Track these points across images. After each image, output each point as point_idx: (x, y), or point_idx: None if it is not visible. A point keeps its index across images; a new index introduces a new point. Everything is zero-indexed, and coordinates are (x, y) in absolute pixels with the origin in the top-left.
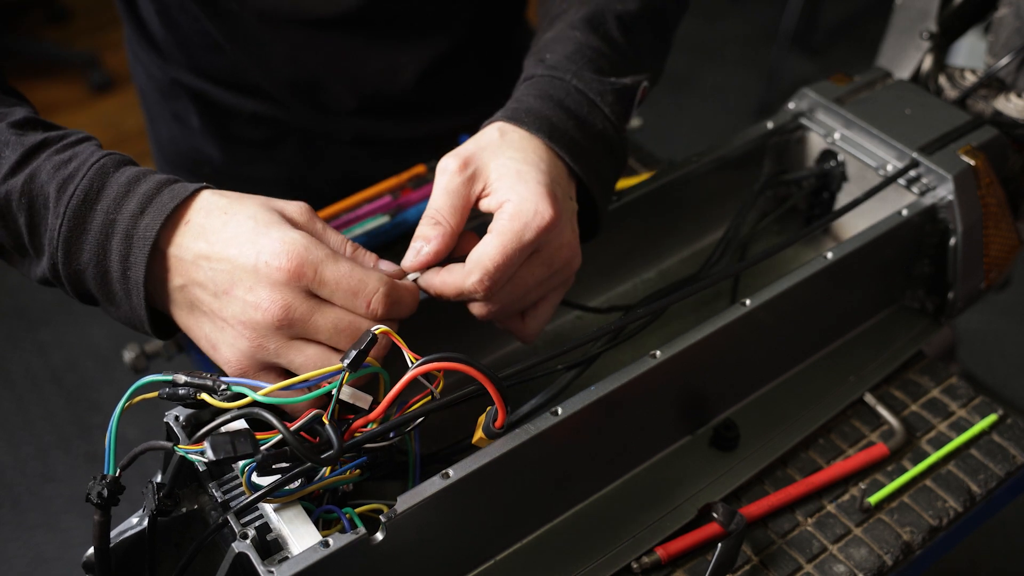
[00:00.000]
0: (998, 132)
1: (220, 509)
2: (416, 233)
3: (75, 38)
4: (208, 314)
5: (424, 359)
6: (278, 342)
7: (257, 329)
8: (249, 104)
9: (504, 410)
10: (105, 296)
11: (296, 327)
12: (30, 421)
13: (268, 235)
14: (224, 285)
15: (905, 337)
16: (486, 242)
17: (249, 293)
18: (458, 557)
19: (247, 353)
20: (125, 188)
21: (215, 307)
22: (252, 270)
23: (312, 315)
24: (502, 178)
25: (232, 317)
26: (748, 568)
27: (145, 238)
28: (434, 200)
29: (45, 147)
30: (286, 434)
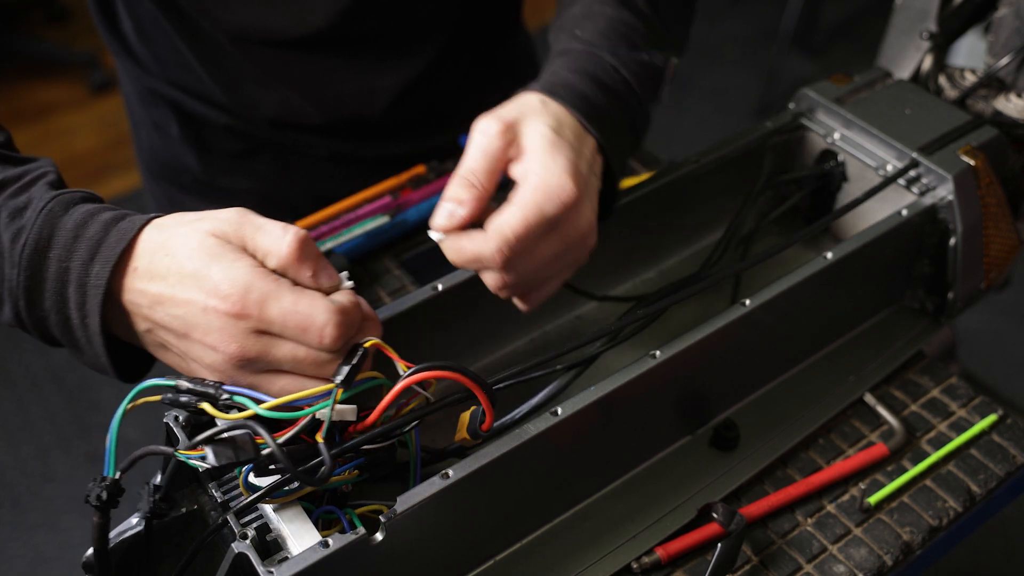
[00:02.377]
0: (998, 132)
1: (220, 509)
2: (448, 194)
3: (75, 38)
4: (179, 355)
5: (415, 368)
6: (246, 375)
7: (223, 369)
8: (223, 118)
9: (491, 414)
10: (69, 342)
11: (258, 363)
12: (30, 421)
13: (209, 275)
14: (182, 329)
15: (905, 337)
16: (508, 212)
17: (206, 336)
18: (458, 557)
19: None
20: (73, 234)
21: (183, 348)
22: (201, 313)
23: (268, 351)
24: (535, 148)
25: (198, 358)
26: (748, 568)
27: (97, 287)
28: (470, 161)
29: (2, 189)
30: (276, 450)
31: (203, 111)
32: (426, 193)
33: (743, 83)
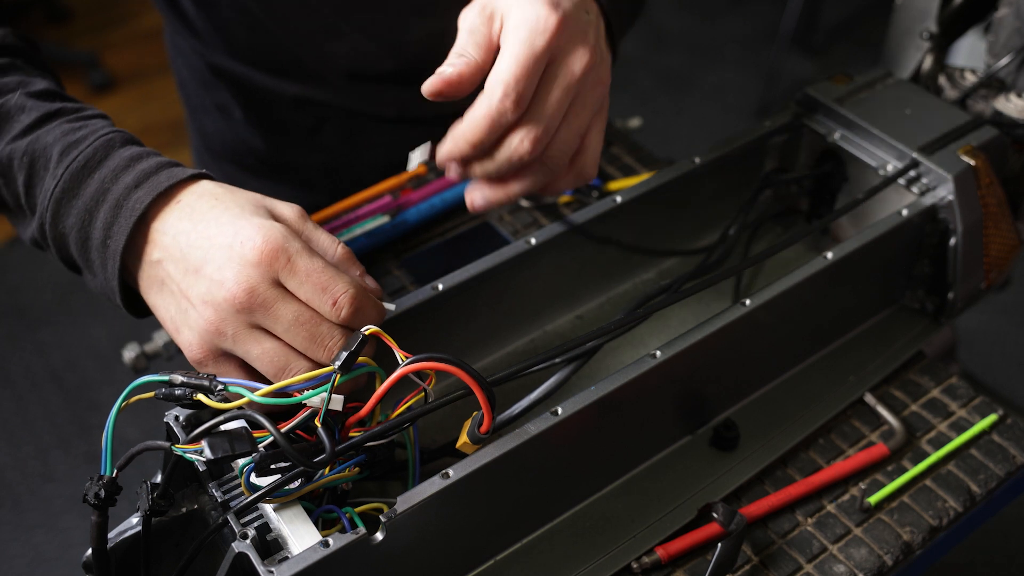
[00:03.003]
0: (998, 132)
1: (220, 509)
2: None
3: (75, 38)
4: (175, 294)
5: (413, 358)
6: (236, 327)
7: (219, 309)
8: (291, 87)
9: (490, 415)
10: (84, 263)
11: (256, 313)
12: (30, 421)
13: (250, 221)
14: (196, 263)
15: (905, 337)
16: (499, 61)
17: (217, 272)
18: (458, 557)
19: (206, 337)
20: (126, 163)
21: (183, 286)
22: (226, 249)
23: (275, 303)
24: (510, 6)
25: (197, 297)
26: (748, 568)
27: (134, 209)
28: (456, 42)
29: (60, 115)
30: (278, 437)
31: (269, 84)
32: (426, 193)
33: (743, 83)
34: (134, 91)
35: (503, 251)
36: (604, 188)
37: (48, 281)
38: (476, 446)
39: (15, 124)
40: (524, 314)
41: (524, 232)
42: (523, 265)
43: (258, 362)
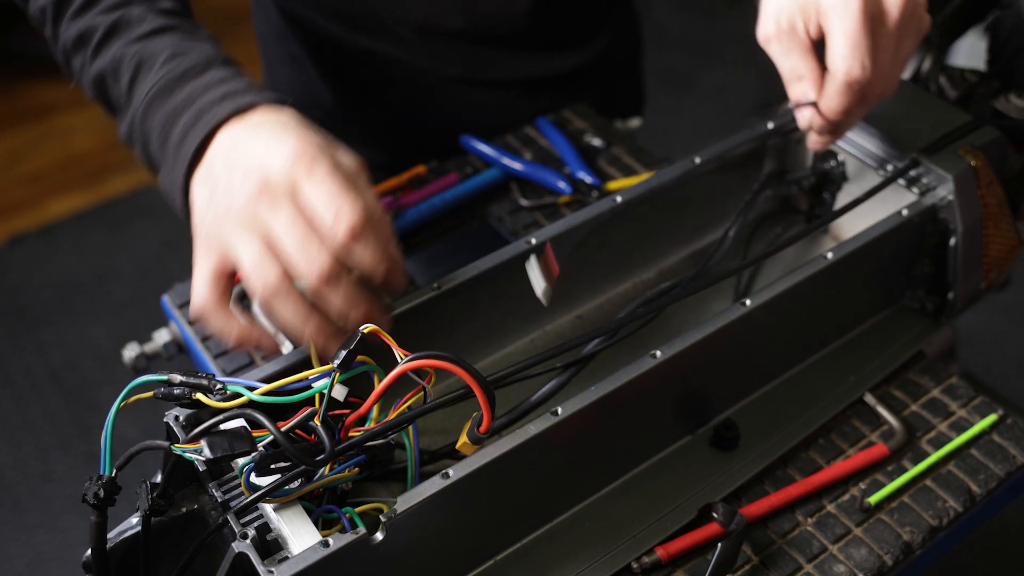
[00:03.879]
0: (998, 132)
1: (220, 509)
2: (792, 99)
3: None
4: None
5: (412, 356)
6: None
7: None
8: (362, 39)
9: (489, 414)
10: (161, 159)
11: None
12: (30, 421)
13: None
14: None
15: (905, 337)
16: (831, 43)
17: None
18: (458, 557)
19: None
20: (219, 81)
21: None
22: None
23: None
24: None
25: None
26: (748, 568)
27: (210, 121)
28: (780, 66)
29: (174, 30)
30: (277, 435)
31: (341, 35)
32: (426, 193)
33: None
34: None
35: (503, 251)
36: (604, 188)
37: (48, 281)
38: (476, 446)
39: (132, 31)
40: (524, 314)
41: (524, 232)
42: (523, 265)
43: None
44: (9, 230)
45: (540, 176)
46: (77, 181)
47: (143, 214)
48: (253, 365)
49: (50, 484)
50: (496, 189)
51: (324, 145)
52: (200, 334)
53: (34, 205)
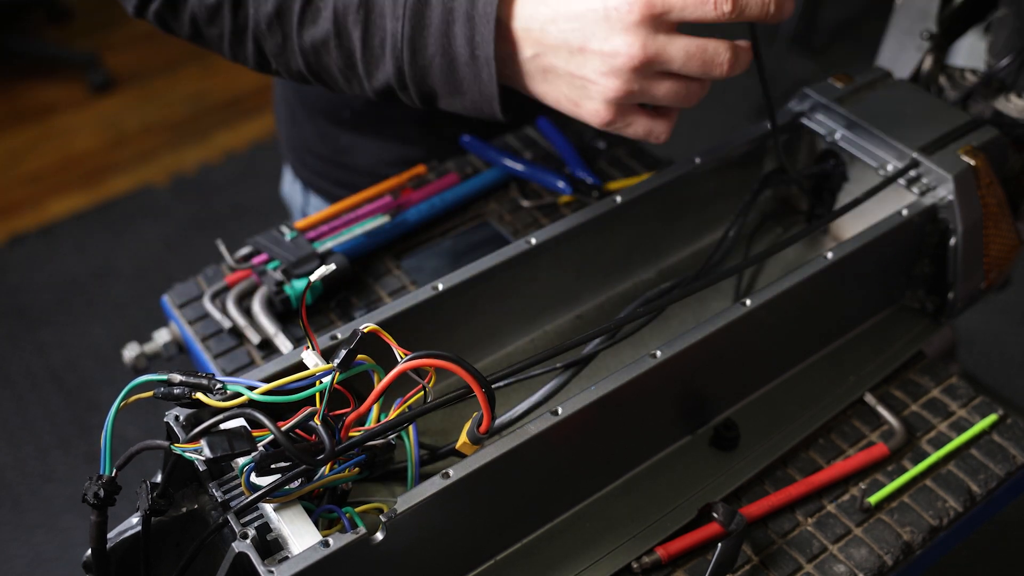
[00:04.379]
0: (998, 132)
1: (220, 509)
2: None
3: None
4: (565, 76)
5: (412, 355)
6: (642, 82)
7: (621, 75)
8: None
9: (489, 414)
10: (452, 86)
11: (655, 64)
12: (30, 421)
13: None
14: (578, 43)
15: (905, 337)
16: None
17: (605, 44)
18: (458, 557)
19: (616, 101)
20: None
21: (572, 67)
22: (603, 21)
23: (666, 48)
24: None
25: (593, 72)
26: (748, 568)
27: (487, 15)
28: None
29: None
30: (278, 435)
31: None
32: (426, 193)
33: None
34: (134, 91)
35: (503, 251)
36: (604, 188)
37: (48, 281)
38: (476, 446)
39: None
40: (524, 314)
41: (524, 232)
42: (523, 265)
43: (665, 99)
44: (9, 230)
45: (540, 176)
46: (77, 181)
47: (143, 214)
48: (253, 365)
49: (50, 484)
50: (496, 189)
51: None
52: (200, 334)
53: (34, 205)
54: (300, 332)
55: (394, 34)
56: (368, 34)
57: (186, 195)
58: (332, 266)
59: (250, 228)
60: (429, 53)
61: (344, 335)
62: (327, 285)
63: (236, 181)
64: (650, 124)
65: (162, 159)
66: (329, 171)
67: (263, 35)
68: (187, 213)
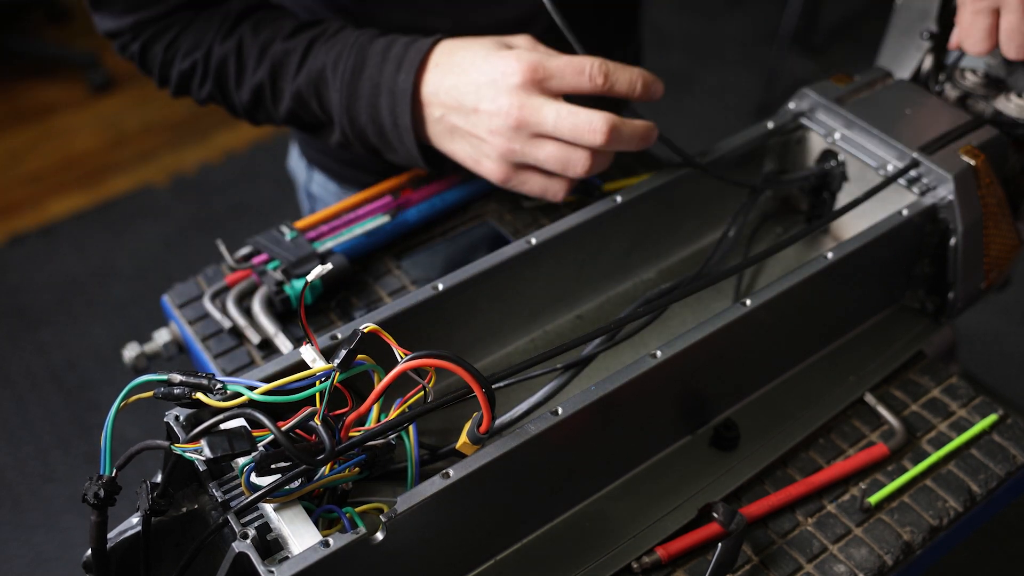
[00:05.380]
0: (998, 132)
1: (220, 509)
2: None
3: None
4: (465, 135)
5: (412, 355)
6: (522, 141)
7: (504, 133)
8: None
9: (490, 414)
10: (384, 146)
11: (531, 123)
12: (30, 421)
13: (500, 55)
14: (472, 104)
15: (905, 337)
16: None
17: (492, 103)
18: (458, 557)
19: (503, 159)
20: (381, 56)
21: (468, 126)
22: (491, 84)
23: (541, 108)
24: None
25: (484, 130)
26: (748, 568)
27: (404, 90)
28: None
29: (314, 44)
30: (278, 435)
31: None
32: (426, 193)
33: (743, 83)
34: (134, 91)
35: (503, 251)
36: (604, 188)
37: (48, 281)
38: (476, 446)
39: (290, 67)
40: (524, 314)
41: (524, 232)
42: (523, 265)
43: (547, 163)
44: (9, 230)
45: None
46: (77, 181)
47: (143, 214)
48: (253, 365)
49: (50, 484)
50: (496, 189)
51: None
52: (200, 334)
53: (34, 205)
54: (300, 332)
55: (335, 104)
56: (320, 103)
57: (186, 195)
58: (329, 265)
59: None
60: (363, 121)
61: (344, 335)
62: (327, 285)
63: (236, 181)
64: (544, 182)
65: (162, 159)
66: (332, 149)
67: (251, 113)
68: (187, 213)
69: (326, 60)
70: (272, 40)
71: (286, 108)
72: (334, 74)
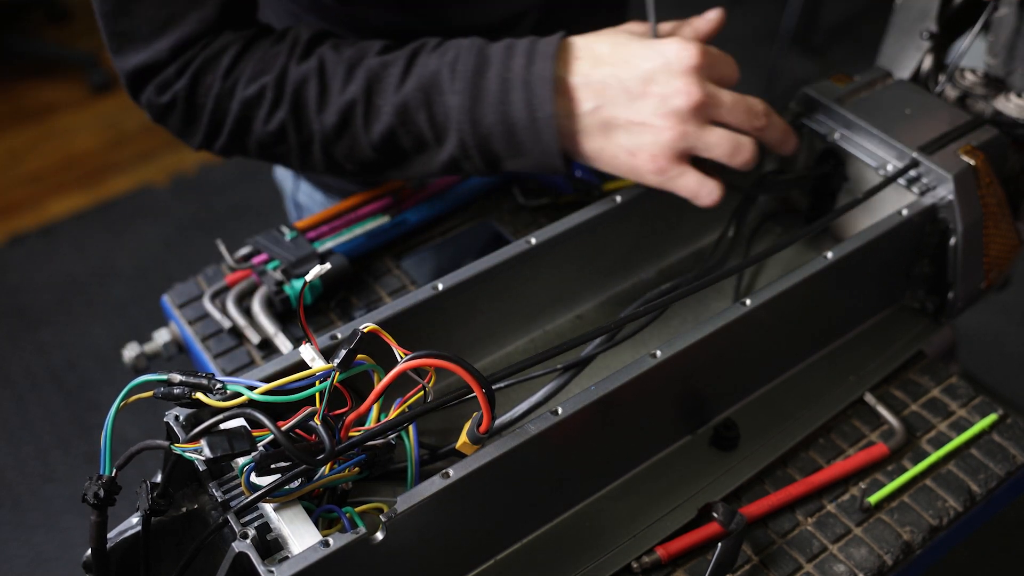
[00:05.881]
0: (998, 132)
1: (220, 509)
2: None
3: (75, 38)
4: (623, 126)
5: (412, 354)
6: (696, 124)
7: (678, 115)
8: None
9: (489, 414)
10: (513, 150)
11: (709, 107)
12: (30, 421)
13: (660, 42)
14: (639, 89)
15: (905, 337)
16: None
17: (667, 86)
18: (458, 557)
19: (671, 143)
20: (505, 52)
21: (631, 114)
22: (664, 68)
23: (717, 93)
24: None
25: (651, 114)
26: (748, 568)
27: (544, 78)
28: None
29: (419, 53)
30: (278, 434)
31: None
32: (426, 193)
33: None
34: None
35: (503, 251)
36: (604, 188)
37: (48, 281)
38: (476, 446)
39: (390, 79)
40: (524, 314)
41: (524, 232)
42: (523, 265)
43: (716, 148)
44: (9, 230)
45: (540, 176)
46: (77, 181)
47: (143, 214)
48: (253, 365)
49: (50, 484)
50: (496, 189)
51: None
52: (200, 334)
53: (34, 205)
54: (300, 332)
55: (453, 109)
56: (432, 112)
57: (186, 195)
58: (328, 265)
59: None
60: (488, 123)
61: (344, 335)
62: (327, 285)
63: (236, 181)
64: (700, 180)
65: (162, 159)
66: None
67: (331, 142)
68: (187, 213)
69: (440, 64)
70: (361, 57)
71: (383, 127)
72: (452, 76)
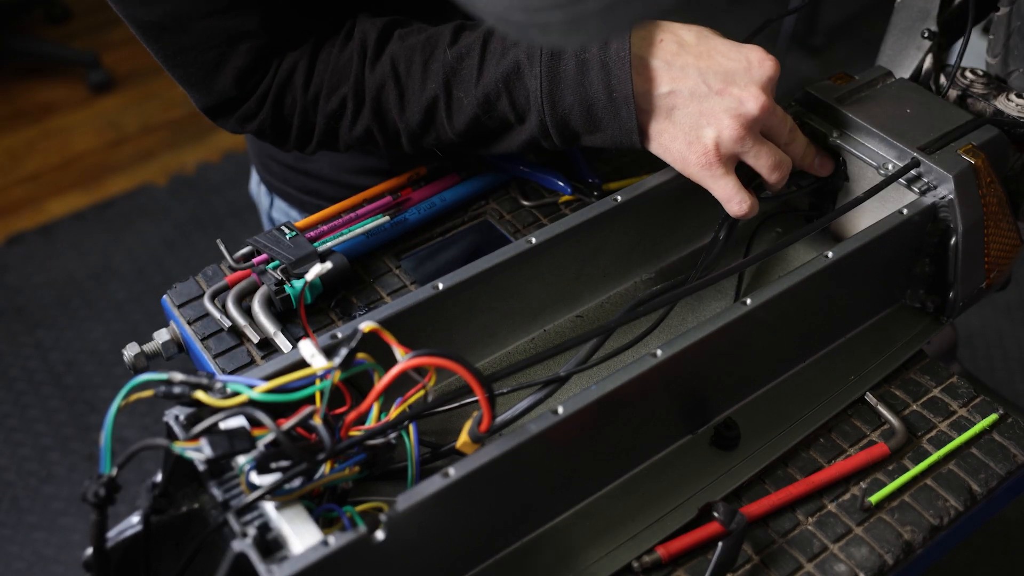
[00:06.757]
0: (998, 131)
1: (220, 508)
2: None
3: (75, 38)
4: (691, 113)
5: (413, 353)
6: (753, 133)
7: (746, 120)
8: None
9: (490, 413)
10: (591, 127)
11: (766, 120)
12: (29, 421)
13: (744, 46)
14: (718, 86)
15: (906, 337)
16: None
17: (745, 89)
18: (459, 556)
19: (727, 144)
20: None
21: (703, 106)
22: (744, 72)
23: (775, 109)
24: None
25: (722, 110)
26: (749, 567)
27: (621, 59)
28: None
29: (489, 43)
30: (278, 433)
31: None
32: (426, 193)
33: None
34: (134, 91)
35: (503, 251)
36: (604, 188)
37: (47, 281)
38: (476, 445)
39: (468, 72)
40: (524, 314)
41: (524, 232)
42: (523, 265)
43: (763, 160)
44: (9, 230)
45: (540, 176)
46: (77, 181)
47: (143, 214)
48: (253, 364)
49: (49, 484)
50: (496, 189)
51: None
52: (200, 334)
53: (34, 205)
54: (300, 332)
55: (533, 92)
56: (513, 98)
57: (185, 195)
58: (328, 264)
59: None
60: (567, 103)
61: (344, 334)
62: (327, 285)
63: (235, 181)
64: (739, 186)
65: (161, 159)
66: (292, 177)
67: (417, 136)
68: (186, 213)
69: (518, 54)
70: (432, 52)
71: (467, 117)
72: (531, 62)
